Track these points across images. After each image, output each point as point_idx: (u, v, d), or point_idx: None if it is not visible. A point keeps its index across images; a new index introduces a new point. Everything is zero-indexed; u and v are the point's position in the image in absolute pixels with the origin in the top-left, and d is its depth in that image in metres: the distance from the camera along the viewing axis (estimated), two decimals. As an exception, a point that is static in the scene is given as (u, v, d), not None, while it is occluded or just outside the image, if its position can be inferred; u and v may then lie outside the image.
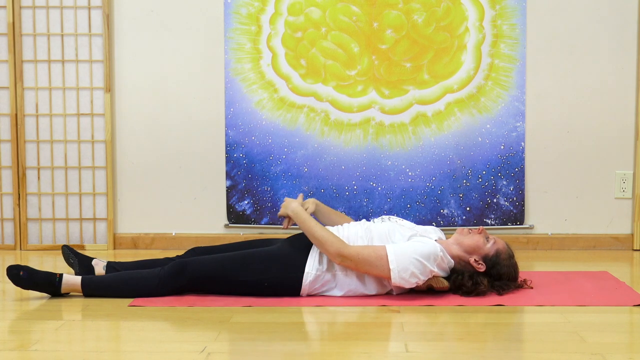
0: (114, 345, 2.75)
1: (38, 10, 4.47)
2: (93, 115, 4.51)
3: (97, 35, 4.48)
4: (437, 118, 4.41)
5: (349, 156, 4.44)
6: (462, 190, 4.41)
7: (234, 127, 4.45)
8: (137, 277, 3.33)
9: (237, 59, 4.43)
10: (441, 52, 4.38)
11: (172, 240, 4.55)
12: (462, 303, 3.19)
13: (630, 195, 4.47)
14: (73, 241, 4.56)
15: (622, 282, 3.57)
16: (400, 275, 3.18)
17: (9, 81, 4.49)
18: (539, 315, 3.05)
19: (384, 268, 3.21)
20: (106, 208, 4.54)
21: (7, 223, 4.58)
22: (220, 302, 3.21)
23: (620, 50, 4.41)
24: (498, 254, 3.34)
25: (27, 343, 2.71)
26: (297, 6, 4.38)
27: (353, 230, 3.40)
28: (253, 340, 2.74)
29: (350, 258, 3.23)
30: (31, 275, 3.27)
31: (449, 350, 2.62)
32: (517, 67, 4.38)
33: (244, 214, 4.48)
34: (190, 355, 2.55)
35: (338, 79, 4.41)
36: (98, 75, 4.50)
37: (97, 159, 4.53)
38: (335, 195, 4.44)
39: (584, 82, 4.43)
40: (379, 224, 3.45)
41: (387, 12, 4.37)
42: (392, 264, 3.18)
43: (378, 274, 3.24)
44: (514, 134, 4.40)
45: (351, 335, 2.83)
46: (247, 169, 4.46)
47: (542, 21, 4.40)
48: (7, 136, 4.53)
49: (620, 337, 2.80)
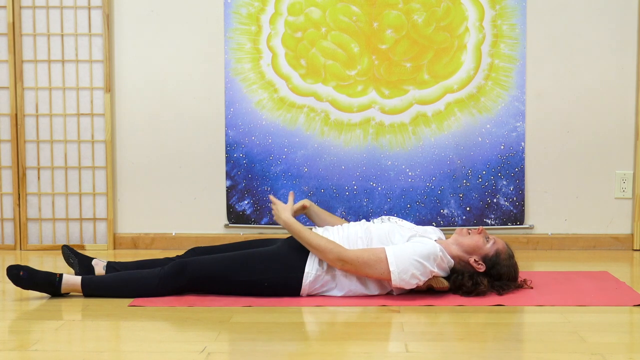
0: (114, 345, 2.75)
1: (38, 10, 4.47)
2: (93, 115, 4.51)
3: (97, 35, 4.48)
4: (437, 118, 4.41)
5: (349, 156, 4.44)
6: (462, 190, 4.41)
7: (234, 127, 4.45)
8: (137, 277, 3.33)
9: (237, 59, 4.43)
10: (441, 52, 4.38)
11: (172, 240, 4.55)
12: (462, 303, 3.19)
13: (630, 195, 4.47)
14: (73, 241, 4.56)
15: (622, 282, 3.58)
16: (401, 277, 3.18)
17: (9, 81, 4.49)
18: (539, 315, 3.05)
19: (383, 270, 3.21)
20: (106, 208, 4.54)
21: (7, 223, 4.58)
22: (220, 302, 3.21)
23: (620, 50, 4.41)
24: (498, 254, 3.34)
25: (27, 343, 2.71)
26: (297, 6, 4.38)
27: (353, 231, 3.40)
28: (253, 340, 2.74)
29: (350, 262, 3.23)
30: (31, 275, 3.27)
31: (449, 350, 2.62)
32: (517, 67, 4.38)
33: (244, 214, 4.48)
34: (190, 355, 2.55)
35: (338, 79, 4.41)
36: (98, 75, 4.50)
37: (97, 159, 4.53)
38: (335, 195, 4.44)
39: (584, 82, 4.43)
40: (379, 225, 3.45)
41: (387, 12, 4.37)
42: (392, 266, 3.18)
43: (378, 277, 3.25)
44: (514, 134, 4.40)
45: (351, 335, 2.83)
46: (247, 169, 4.46)
47: (542, 21, 4.40)
48: (7, 136, 4.53)
49: (620, 337, 2.80)
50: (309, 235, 3.31)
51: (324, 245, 3.26)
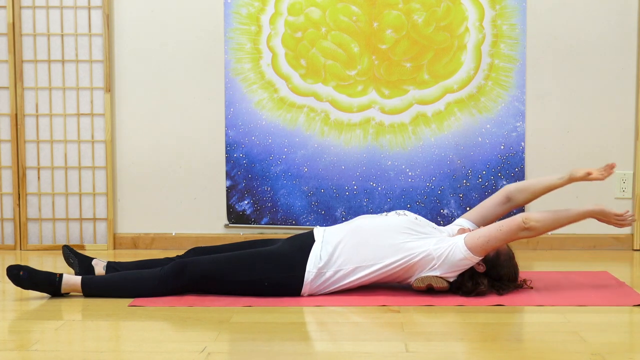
0: (114, 345, 2.75)
1: (38, 10, 4.47)
2: (93, 115, 4.51)
3: (97, 35, 4.48)
4: (437, 118, 4.41)
5: (349, 156, 4.44)
6: (462, 190, 4.41)
7: (234, 127, 4.45)
8: (137, 277, 3.33)
9: (237, 59, 4.43)
10: (441, 52, 4.38)
11: (172, 240, 4.55)
12: (462, 303, 3.19)
13: (630, 195, 4.47)
14: (73, 241, 4.56)
15: (622, 282, 3.57)
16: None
17: (9, 81, 4.49)
18: (539, 315, 3.05)
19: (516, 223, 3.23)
20: (106, 208, 4.54)
21: (7, 223, 4.58)
22: (220, 302, 3.21)
23: (620, 50, 4.41)
24: (498, 255, 3.34)
25: (27, 343, 2.71)
26: (297, 6, 4.38)
27: (394, 222, 3.39)
28: (253, 340, 2.75)
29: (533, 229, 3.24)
30: (31, 275, 3.27)
31: (449, 350, 2.62)
32: (517, 67, 4.39)
33: (244, 214, 4.48)
34: (190, 355, 2.55)
35: (338, 79, 4.41)
36: (98, 75, 4.50)
37: (97, 159, 4.53)
38: (335, 195, 4.44)
39: (584, 82, 4.43)
40: (408, 217, 3.44)
41: (387, 12, 4.37)
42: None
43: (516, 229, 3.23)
44: (514, 134, 4.40)
45: (351, 335, 2.83)
46: (247, 169, 4.46)
47: (542, 21, 4.40)
48: (7, 136, 4.53)
49: (620, 337, 2.80)
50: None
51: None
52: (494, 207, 3.48)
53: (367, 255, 3.29)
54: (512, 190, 3.45)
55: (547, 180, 3.43)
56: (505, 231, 3.23)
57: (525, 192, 3.45)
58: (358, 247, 3.30)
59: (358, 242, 3.31)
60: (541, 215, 3.26)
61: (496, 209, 3.48)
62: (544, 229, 3.26)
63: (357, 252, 3.30)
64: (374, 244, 3.29)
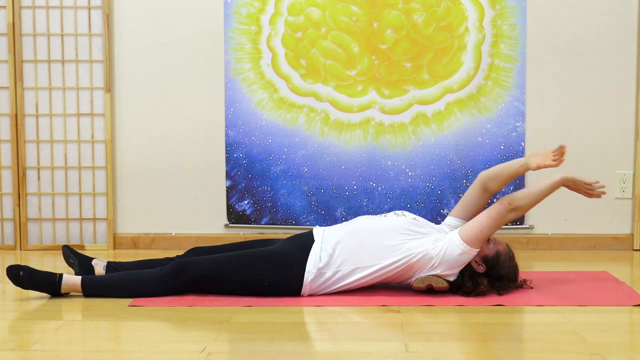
0: (114, 345, 2.75)
1: (38, 10, 4.47)
2: (93, 115, 4.51)
3: (97, 35, 4.48)
4: (437, 118, 4.41)
5: (349, 156, 4.44)
6: (462, 190, 4.41)
7: (234, 127, 4.45)
8: (137, 277, 3.33)
9: (237, 59, 4.43)
10: (441, 52, 4.38)
11: (172, 240, 4.55)
12: (462, 303, 3.19)
13: (630, 195, 4.47)
14: (73, 241, 4.56)
15: (622, 282, 3.58)
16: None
17: (9, 81, 4.49)
18: (539, 315, 3.05)
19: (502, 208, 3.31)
20: (106, 208, 4.54)
21: (7, 223, 4.58)
22: (220, 302, 3.21)
23: (620, 50, 4.41)
24: (498, 255, 3.34)
25: (27, 343, 2.71)
26: (297, 6, 4.38)
27: (392, 223, 3.39)
28: (253, 340, 2.75)
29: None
30: (31, 275, 3.27)
31: (449, 350, 2.63)
32: (517, 67, 4.39)
33: (244, 214, 4.49)
34: (190, 355, 2.55)
35: (338, 79, 4.41)
36: (98, 75, 4.50)
37: (97, 159, 4.53)
38: (335, 195, 4.44)
39: (584, 82, 4.43)
40: (404, 217, 3.45)
41: (387, 12, 4.37)
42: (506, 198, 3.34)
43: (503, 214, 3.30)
44: (514, 134, 4.41)
45: (351, 335, 2.83)
46: (247, 169, 4.46)
47: (542, 21, 4.40)
48: (7, 136, 4.53)
49: (620, 337, 2.80)
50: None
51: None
52: (475, 199, 3.51)
53: (366, 256, 3.29)
54: (485, 180, 3.50)
55: (512, 167, 3.48)
56: (494, 217, 3.29)
57: (496, 180, 3.48)
58: (357, 247, 3.30)
59: (357, 243, 3.31)
60: (522, 194, 3.36)
61: (478, 200, 3.51)
62: (528, 205, 3.36)
63: (356, 252, 3.30)
64: (372, 245, 3.29)
